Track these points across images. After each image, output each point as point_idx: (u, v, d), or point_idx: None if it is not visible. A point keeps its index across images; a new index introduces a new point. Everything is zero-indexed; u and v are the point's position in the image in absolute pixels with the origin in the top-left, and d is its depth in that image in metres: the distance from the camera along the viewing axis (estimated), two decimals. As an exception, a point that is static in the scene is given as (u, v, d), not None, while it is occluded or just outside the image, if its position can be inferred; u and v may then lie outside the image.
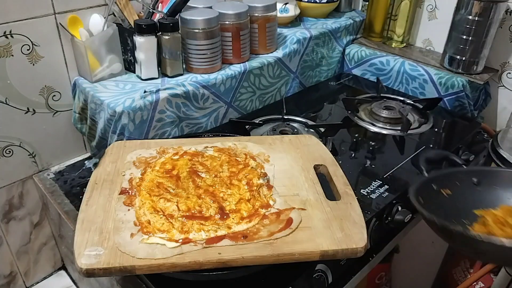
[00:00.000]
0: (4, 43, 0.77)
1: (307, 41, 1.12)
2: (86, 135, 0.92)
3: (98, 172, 0.69)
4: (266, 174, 0.71)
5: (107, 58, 0.87)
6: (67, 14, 0.83)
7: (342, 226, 0.60)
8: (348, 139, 0.97)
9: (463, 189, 0.66)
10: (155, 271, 0.53)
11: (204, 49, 0.90)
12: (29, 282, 1.02)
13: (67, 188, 0.87)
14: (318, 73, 1.24)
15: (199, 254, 0.54)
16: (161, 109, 0.85)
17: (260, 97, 1.07)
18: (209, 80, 0.91)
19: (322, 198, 0.66)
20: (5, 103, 0.81)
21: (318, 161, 0.74)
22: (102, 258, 0.53)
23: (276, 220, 0.61)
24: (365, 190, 0.80)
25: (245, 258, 0.54)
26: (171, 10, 0.89)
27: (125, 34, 0.88)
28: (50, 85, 0.86)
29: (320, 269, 0.69)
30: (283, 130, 0.95)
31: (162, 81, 0.89)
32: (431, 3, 1.20)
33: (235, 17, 0.93)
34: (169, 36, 0.86)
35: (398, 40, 1.25)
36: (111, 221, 0.59)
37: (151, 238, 0.56)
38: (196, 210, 0.61)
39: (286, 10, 1.14)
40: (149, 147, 0.76)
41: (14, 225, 0.93)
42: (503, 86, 1.12)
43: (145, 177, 0.68)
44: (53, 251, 1.03)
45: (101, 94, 0.83)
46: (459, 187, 0.66)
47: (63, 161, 0.95)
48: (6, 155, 0.85)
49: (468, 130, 1.03)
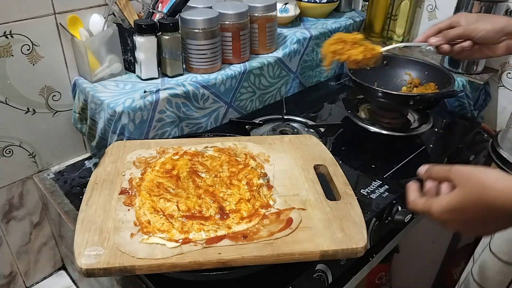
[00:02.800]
0: (4, 43, 0.77)
1: (307, 41, 1.12)
2: (86, 135, 0.92)
3: (98, 172, 0.69)
4: (266, 174, 0.71)
5: (107, 58, 0.87)
6: (67, 14, 0.83)
7: (342, 226, 0.60)
8: (348, 139, 0.97)
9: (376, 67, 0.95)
10: (155, 271, 0.53)
11: (204, 49, 0.90)
12: (29, 282, 1.02)
13: (67, 188, 0.87)
14: (318, 73, 1.24)
15: (199, 254, 0.54)
16: (161, 109, 0.85)
17: (260, 97, 1.07)
18: (209, 80, 0.91)
19: (322, 198, 0.66)
20: (5, 103, 0.81)
21: (318, 161, 0.74)
22: (102, 258, 0.53)
23: (276, 220, 0.61)
24: (365, 190, 0.80)
25: (245, 258, 0.54)
26: (171, 10, 0.89)
27: (125, 34, 0.88)
28: (50, 85, 0.86)
29: (320, 269, 0.69)
30: (283, 130, 0.95)
31: (162, 81, 0.89)
32: (431, 3, 1.20)
33: (235, 17, 0.93)
34: (169, 36, 0.86)
35: (398, 40, 1.25)
36: (111, 221, 0.59)
37: (151, 238, 0.56)
38: (196, 210, 0.61)
39: (286, 10, 1.14)
40: (149, 147, 0.76)
41: (14, 225, 0.93)
42: (503, 86, 1.12)
43: (145, 177, 0.68)
44: (53, 251, 1.03)
45: (101, 94, 0.83)
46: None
47: (63, 161, 0.95)
48: (6, 155, 0.85)
49: (468, 130, 1.03)
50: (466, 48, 0.72)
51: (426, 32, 0.75)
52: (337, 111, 1.09)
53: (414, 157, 0.90)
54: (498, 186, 0.44)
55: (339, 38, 0.79)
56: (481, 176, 0.45)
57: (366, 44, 0.79)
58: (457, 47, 0.73)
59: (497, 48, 0.72)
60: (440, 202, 0.49)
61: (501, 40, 0.70)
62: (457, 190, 0.47)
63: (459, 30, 0.72)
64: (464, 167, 0.49)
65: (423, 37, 0.76)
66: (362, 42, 0.79)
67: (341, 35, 0.80)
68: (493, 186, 0.44)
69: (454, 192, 0.48)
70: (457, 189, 0.47)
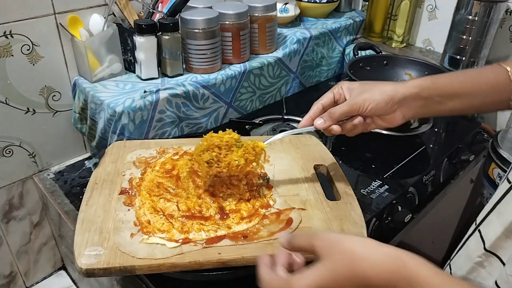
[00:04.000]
0: (4, 43, 0.77)
1: (307, 41, 1.12)
2: (86, 135, 0.92)
3: (98, 172, 0.69)
4: (266, 174, 0.71)
5: (107, 58, 0.87)
6: (67, 14, 0.83)
7: (342, 226, 0.60)
8: (348, 139, 0.96)
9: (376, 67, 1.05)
10: (155, 271, 0.53)
11: (204, 49, 0.90)
12: (29, 282, 1.02)
13: (67, 188, 0.87)
14: (318, 73, 1.24)
15: (199, 254, 0.54)
16: (161, 109, 0.85)
17: (260, 97, 1.07)
18: (209, 80, 0.91)
19: (322, 198, 0.66)
20: (5, 103, 0.81)
21: (318, 161, 0.74)
22: (102, 258, 0.53)
23: (276, 220, 0.61)
24: (365, 190, 0.80)
25: (245, 258, 0.54)
26: (171, 10, 0.89)
27: (125, 34, 0.88)
28: (50, 85, 0.86)
29: (320, 269, 0.69)
30: (283, 130, 0.95)
31: (162, 81, 0.89)
32: (431, 3, 1.20)
33: (235, 17, 0.93)
34: (169, 36, 0.86)
35: (398, 40, 1.25)
36: (111, 221, 0.59)
37: (151, 238, 0.56)
38: (196, 210, 0.61)
39: (286, 10, 1.14)
40: (149, 147, 0.76)
41: (14, 225, 0.93)
42: (503, 86, 1.12)
43: (145, 177, 0.68)
44: (53, 251, 1.03)
45: (101, 94, 0.83)
46: (374, 66, 1.06)
47: (63, 161, 0.95)
48: (6, 155, 0.85)
49: (468, 130, 1.03)
50: (357, 125, 0.62)
51: (310, 113, 0.63)
52: (337, 111, 1.09)
53: (414, 157, 0.90)
54: (370, 257, 0.38)
55: (211, 144, 0.63)
56: (348, 246, 0.40)
57: (245, 143, 0.64)
58: (348, 126, 0.62)
59: (392, 118, 0.61)
60: (304, 280, 0.39)
61: (393, 109, 0.59)
62: (323, 262, 0.40)
63: (344, 107, 0.60)
64: (329, 234, 0.43)
65: (307, 120, 0.63)
66: (239, 143, 0.64)
67: (212, 139, 0.63)
68: (363, 258, 0.38)
69: (319, 265, 0.40)
70: (323, 261, 0.40)
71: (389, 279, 0.37)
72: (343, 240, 0.41)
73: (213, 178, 0.68)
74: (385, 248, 0.39)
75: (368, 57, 1.13)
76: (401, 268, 0.37)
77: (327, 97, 0.63)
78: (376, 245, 0.40)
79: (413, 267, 0.37)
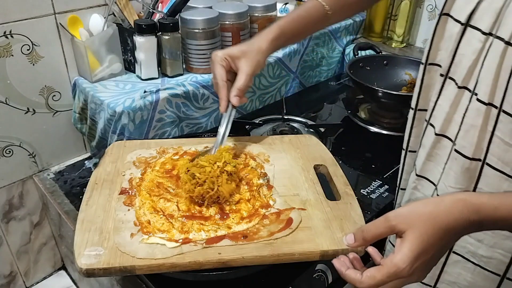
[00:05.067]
0: (4, 43, 0.77)
1: (307, 41, 1.12)
2: (86, 135, 0.92)
3: (98, 172, 0.69)
4: (266, 174, 0.70)
5: (107, 58, 0.87)
6: (67, 14, 0.83)
7: (342, 226, 0.60)
8: (348, 139, 0.97)
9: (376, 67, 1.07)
10: (155, 271, 0.53)
11: (204, 49, 0.90)
12: (29, 282, 1.02)
13: (67, 188, 0.87)
14: (318, 73, 1.24)
15: (199, 254, 0.54)
16: (161, 109, 0.85)
17: (260, 97, 1.07)
18: (209, 80, 0.91)
19: (322, 198, 0.66)
20: (5, 103, 0.81)
21: (318, 161, 0.74)
22: (102, 258, 0.53)
23: (276, 220, 0.61)
24: (365, 190, 0.80)
25: (245, 258, 0.54)
26: (171, 10, 0.89)
27: (125, 34, 0.88)
28: (50, 85, 0.86)
29: (320, 269, 0.69)
30: (283, 130, 0.95)
31: (162, 81, 0.89)
32: (431, 3, 1.20)
33: (235, 17, 0.93)
34: (169, 36, 0.86)
35: (398, 40, 1.25)
36: (111, 221, 0.59)
37: (151, 238, 0.56)
38: (196, 210, 0.61)
39: (286, 10, 1.14)
40: (149, 147, 0.76)
41: (14, 225, 0.93)
42: (503, 86, 1.12)
43: (145, 177, 0.68)
44: (53, 251, 1.03)
45: (101, 94, 0.83)
46: (374, 66, 1.07)
47: (63, 161, 0.95)
48: (6, 155, 0.85)
49: (468, 130, 1.03)
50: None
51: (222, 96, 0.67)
52: (337, 111, 1.09)
53: (414, 157, 0.90)
54: (443, 210, 0.44)
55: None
56: (423, 211, 0.44)
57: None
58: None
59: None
60: (403, 256, 0.43)
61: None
62: (410, 233, 0.43)
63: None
64: (398, 211, 0.46)
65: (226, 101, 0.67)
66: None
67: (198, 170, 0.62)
68: (439, 213, 0.44)
69: (409, 237, 0.43)
70: (409, 233, 0.43)
71: (462, 217, 0.44)
72: (414, 209, 0.45)
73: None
74: (446, 198, 0.46)
75: (368, 57, 1.13)
76: (466, 204, 0.44)
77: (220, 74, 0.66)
78: (438, 200, 0.47)
79: (473, 199, 0.44)
